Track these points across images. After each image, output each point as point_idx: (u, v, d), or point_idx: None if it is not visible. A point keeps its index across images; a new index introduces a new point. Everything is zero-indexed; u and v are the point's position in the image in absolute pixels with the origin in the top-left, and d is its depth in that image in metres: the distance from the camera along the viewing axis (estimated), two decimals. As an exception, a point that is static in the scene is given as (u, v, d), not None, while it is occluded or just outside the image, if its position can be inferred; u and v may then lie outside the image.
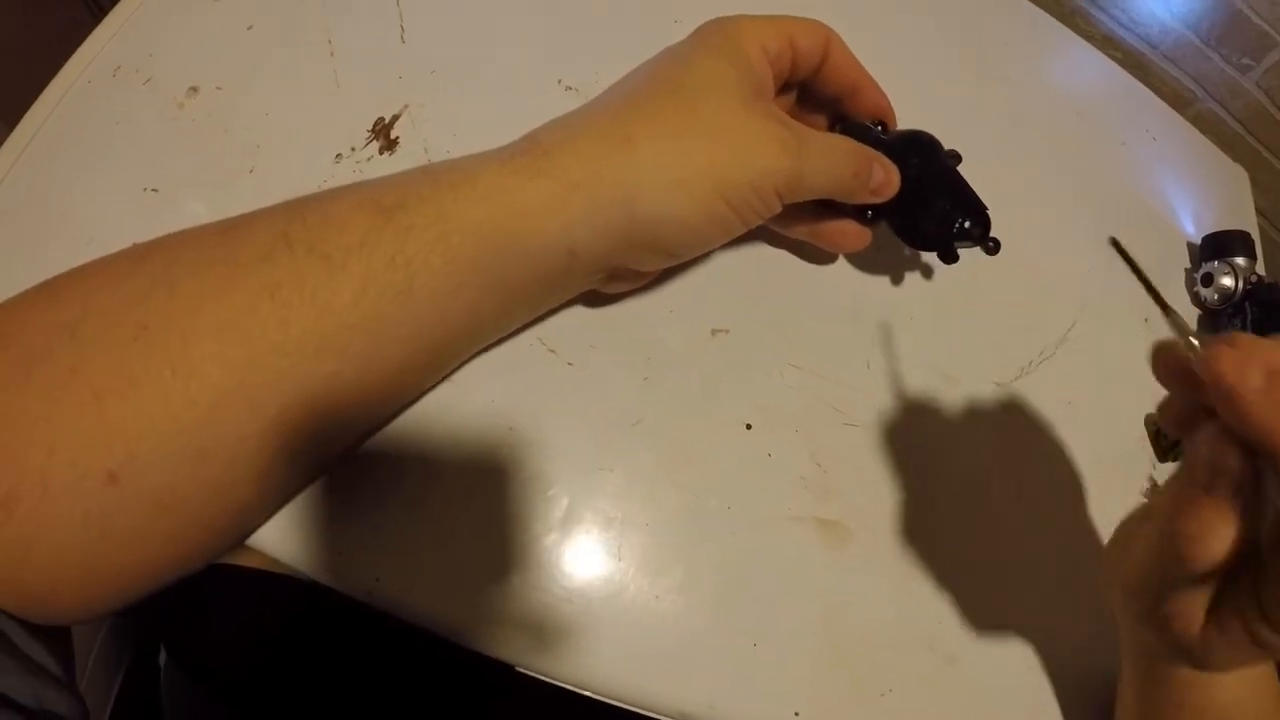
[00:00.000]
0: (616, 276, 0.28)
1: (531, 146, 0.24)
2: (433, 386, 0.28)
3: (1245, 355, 0.19)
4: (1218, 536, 0.20)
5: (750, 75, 0.27)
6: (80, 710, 0.21)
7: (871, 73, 0.31)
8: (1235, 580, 0.21)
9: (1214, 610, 0.22)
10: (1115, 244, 0.30)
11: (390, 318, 0.22)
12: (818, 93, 0.32)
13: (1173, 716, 0.29)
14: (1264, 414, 0.18)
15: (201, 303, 0.20)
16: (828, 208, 0.32)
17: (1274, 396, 0.18)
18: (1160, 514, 0.22)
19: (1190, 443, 0.21)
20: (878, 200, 0.30)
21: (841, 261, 0.36)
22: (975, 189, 0.32)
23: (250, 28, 0.33)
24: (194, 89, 0.32)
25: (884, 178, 0.29)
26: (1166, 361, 0.22)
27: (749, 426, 0.31)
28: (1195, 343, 0.20)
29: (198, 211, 0.30)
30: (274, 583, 0.36)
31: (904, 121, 0.33)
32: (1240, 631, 0.21)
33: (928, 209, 0.31)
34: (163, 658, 0.40)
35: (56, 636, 0.22)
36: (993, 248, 0.31)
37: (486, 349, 0.28)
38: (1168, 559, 0.23)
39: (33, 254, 0.28)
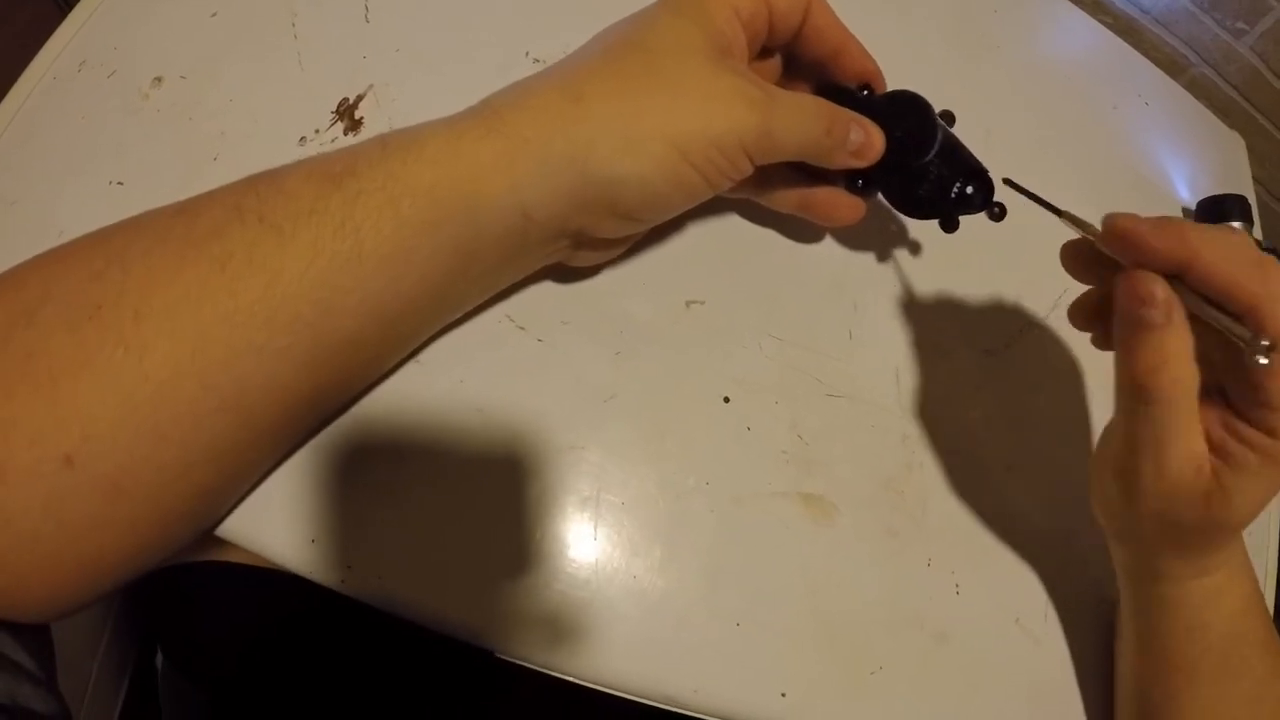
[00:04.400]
0: (582, 245, 0.27)
1: (483, 109, 0.24)
2: (398, 367, 0.27)
3: (1130, 214, 0.24)
4: (1174, 356, 0.23)
5: (718, 35, 0.26)
6: (58, 708, 0.21)
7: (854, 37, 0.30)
8: (1210, 423, 0.24)
9: (1212, 454, 0.24)
10: (1009, 182, 0.29)
11: (339, 286, 0.21)
12: (800, 58, 0.31)
13: (1183, 641, 0.28)
14: (1159, 238, 0.23)
15: (154, 279, 0.20)
16: (816, 179, 0.30)
17: (1163, 227, 0.23)
18: (1120, 386, 0.25)
19: (1116, 299, 0.24)
20: (860, 164, 0.28)
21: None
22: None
23: (214, 14, 0.33)
24: (158, 79, 0.31)
25: (864, 139, 0.28)
26: (1074, 253, 0.27)
27: (727, 399, 0.30)
28: (1096, 227, 0.25)
29: (161, 203, 0.29)
30: (265, 578, 0.36)
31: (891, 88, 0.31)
32: (1247, 453, 0.23)
33: (922, 174, 0.29)
34: (160, 658, 0.40)
35: (32, 633, 0.22)
36: (998, 214, 0.29)
37: (452, 327, 0.28)
38: (1148, 413, 0.24)
39: (1, 252, 0.28)
